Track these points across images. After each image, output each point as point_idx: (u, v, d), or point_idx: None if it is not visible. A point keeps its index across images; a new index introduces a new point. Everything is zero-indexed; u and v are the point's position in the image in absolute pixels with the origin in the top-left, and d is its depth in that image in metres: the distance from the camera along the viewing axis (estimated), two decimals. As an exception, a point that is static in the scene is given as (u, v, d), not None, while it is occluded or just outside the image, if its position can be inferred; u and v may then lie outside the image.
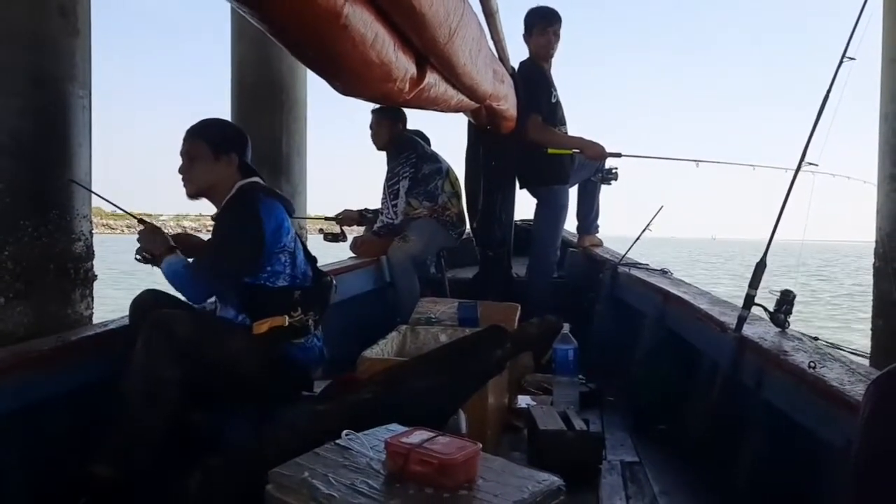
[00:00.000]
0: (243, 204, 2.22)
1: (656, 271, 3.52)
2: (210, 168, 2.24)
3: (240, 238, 2.19)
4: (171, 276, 2.18)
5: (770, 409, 1.86)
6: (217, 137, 2.26)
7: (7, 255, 2.51)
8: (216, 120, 2.41)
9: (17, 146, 2.53)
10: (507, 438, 2.40)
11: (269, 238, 2.19)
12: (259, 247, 2.18)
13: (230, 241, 2.22)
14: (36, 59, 2.57)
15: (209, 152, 2.22)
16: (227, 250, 2.22)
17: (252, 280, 2.21)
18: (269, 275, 2.22)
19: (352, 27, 1.38)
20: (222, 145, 2.24)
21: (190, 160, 2.24)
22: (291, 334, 2.22)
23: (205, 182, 2.26)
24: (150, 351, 1.96)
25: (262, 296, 2.21)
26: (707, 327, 2.38)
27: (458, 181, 4.17)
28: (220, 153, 2.23)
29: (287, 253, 2.25)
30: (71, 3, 2.64)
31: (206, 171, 2.24)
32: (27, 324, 2.55)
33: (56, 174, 2.63)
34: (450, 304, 3.18)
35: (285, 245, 2.23)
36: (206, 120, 2.34)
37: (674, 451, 2.30)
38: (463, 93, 2.59)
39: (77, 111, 2.67)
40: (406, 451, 1.31)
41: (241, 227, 2.20)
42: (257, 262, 2.20)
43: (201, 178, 2.26)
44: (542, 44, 4.11)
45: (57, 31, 2.60)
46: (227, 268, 2.21)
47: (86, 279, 2.77)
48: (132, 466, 1.89)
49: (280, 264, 2.23)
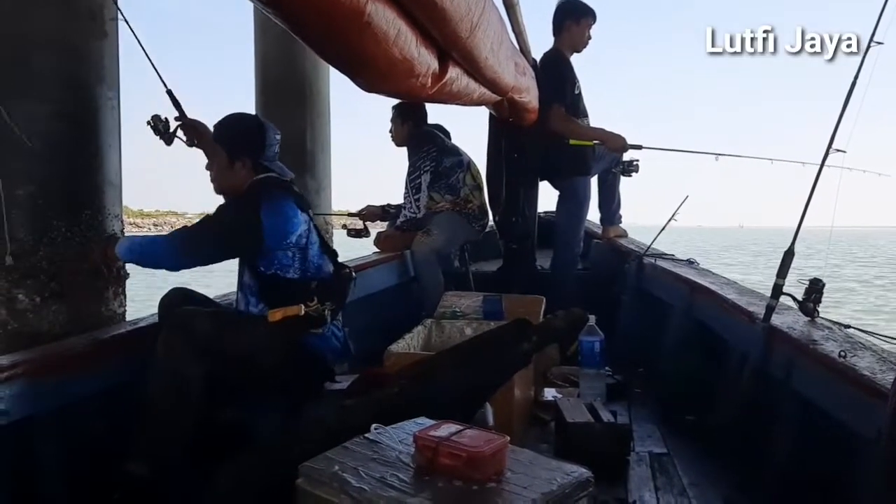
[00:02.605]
0: (245, 199, 2.25)
1: (682, 262, 3.49)
2: (226, 173, 2.28)
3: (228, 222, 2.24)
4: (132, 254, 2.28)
5: (800, 400, 1.84)
6: (231, 143, 2.29)
7: (41, 256, 2.56)
8: (233, 120, 2.40)
9: (49, 148, 2.57)
10: (534, 431, 2.41)
11: (268, 234, 2.19)
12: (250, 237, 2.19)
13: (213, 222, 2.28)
14: (66, 63, 2.61)
15: (225, 157, 2.27)
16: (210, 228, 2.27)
17: (264, 269, 2.24)
18: (279, 267, 2.25)
19: (375, 25, 1.39)
20: (235, 151, 2.27)
21: (211, 161, 2.31)
22: (308, 324, 2.23)
23: (224, 184, 2.31)
24: (170, 350, 2.01)
25: (277, 285, 2.24)
26: (735, 318, 2.37)
27: (479, 174, 4.16)
28: (234, 159, 2.27)
29: (296, 249, 2.26)
30: (99, 6, 2.68)
31: (223, 174, 2.29)
32: (62, 322, 2.60)
33: (87, 175, 2.68)
34: (474, 297, 3.18)
35: (290, 242, 2.24)
36: (225, 120, 2.35)
37: (702, 443, 2.28)
38: (485, 86, 2.59)
39: (106, 112, 2.71)
40: (434, 444, 1.32)
41: (231, 212, 2.25)
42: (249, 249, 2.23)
43: (220, 180, 2.31)
44: (579, 37, 4.10)
45: (86, 35, 2.65)
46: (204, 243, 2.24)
47: (118, 277, 2.81)
48: (162, 464, 1.93)
49: (287, 258, 2.25)
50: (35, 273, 2.56)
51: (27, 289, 2.57)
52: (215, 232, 2.26)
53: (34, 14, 2.56)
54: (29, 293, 2.57)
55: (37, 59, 2.55)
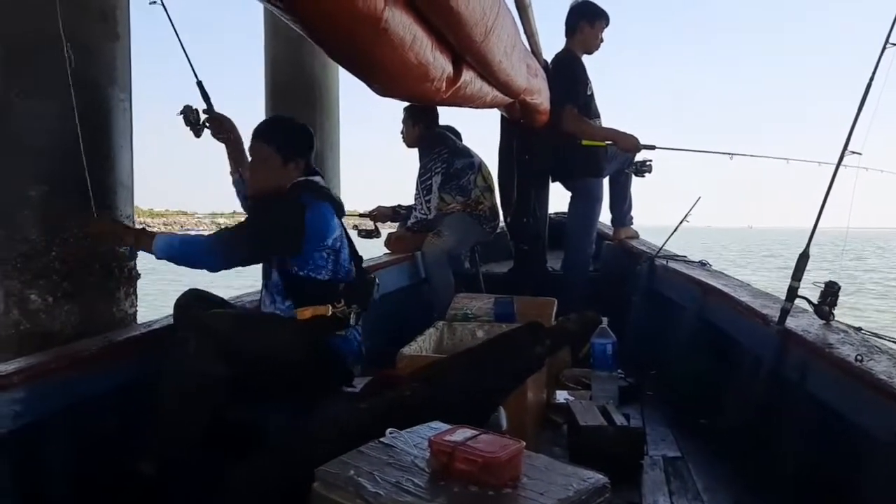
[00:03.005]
0: (289, 200, 2.26)
1: (694, 263, 3.48)
2: (278, 173, 2.27)
3: (271, 225, 2.25)
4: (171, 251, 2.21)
5: (815, 403, 1.83)
6: (286, 143, 2.29)
7: (54, 256, 2.58)
8: (285, 122, 2.43)
9: (62, 149, 2.59)
10: (547, 434, 2.40)
11: (309, 236, 2.22)
12: (292, 239, 2.21)
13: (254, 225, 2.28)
14: (78, 63, 2.62)
15: (278, 158, 2.26)
16: (254, 229, 2.27)
17: (297, 269, 2.25)
18: (312, 268, 2.26)
19: (391, 31, 1.39)
20: (291, 152, 2.28)
21: (257, 164, 2.29)
22: (334, 325, 2.25)
23: (270, 183, 2.29)
24: (190, 351, 2.01)
25: (307, 285, 2.25)
26: (749, 320, 2.35)
27: (490, 175, 4.16)
28: (288, 159, 2.27)
29: (330, 251, 2.28)
30: (111, 7, 2.69)
31: (273, 175, 2.27)
32: (74, 323, 2.62)
33: (99, 176, 2.69)
34: (486, 299, 3.18)
35: (327, 245, 2.26)
36: (275, 122, 2.40)
37: (716, 446, 2.27)
38: (498, 89, 2.59)
39: (118, 114, 2.73)
40: (450, 449, 1.32)
41: (276, 215, 2.25)
42: (289, 251, 2.23)
43: (267, 181, 2.29)
44: (592, 38, 4.10)
45: (98, 36, 2.66)
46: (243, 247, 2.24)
47: (129, 278, 2.83)
48: (176, 463, 1.94)
49: (322, 259, 2.27)
50: (47, 273, 2.58)
51: (39, 289, 2.58)
52: (260, 233, 2.26)
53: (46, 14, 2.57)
54: (41, 293, 2.59)
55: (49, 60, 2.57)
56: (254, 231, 2.27)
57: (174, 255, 2.22)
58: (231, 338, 2.06)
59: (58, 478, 1.77)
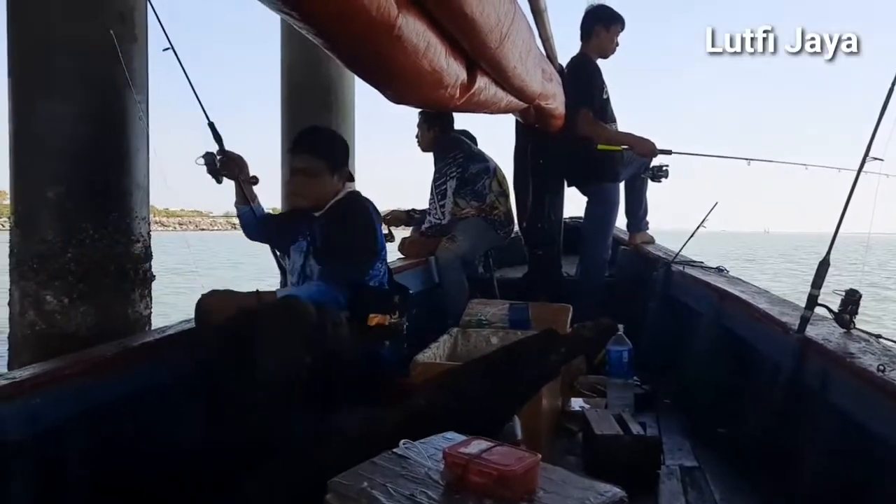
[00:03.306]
0: (359, 212, 2.34)
1: (712, 269, 3.44)
2: (328, 184, 2.33)
3: (362, 245, 2.32)
4: (313, 296, 2.19)
5: (836, 413, 1.80)
6: (334, 154, 2.34)
7: (70, 258, 2.60)
8: (329, 133, 2.49)
9: (79, 151, 2.61)
10: (562, 442, 2.38)
11: (380, 245, 2.35)
12: (375, 252, 2.34)
13: (352, 248, 2.32)
14: (97, 66, 2.64)
15: (327, 169, 2.31)
16: (354, 251, 2.32)
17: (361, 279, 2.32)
18: (371, 276, 2.34)
19: (405, 37, 1.38)
20: (338, 161, 2.34)
21: (307, 177, 2.32)
22: (389, 335, 2.30)
23: (321, 195, 2.34)
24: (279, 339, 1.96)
25: (366, 295, 2.30)
26: (767, 328, 2.32)
27: (505, 180, 4.14)
28: (335, 169, 2.32)
29: (383, 260, 2.38)
30: (129, 10, 2.71)
31: (323, 187, 2.33)
32: (89, 324, 2.63)
33: (115, 177, 2.71)
34: (500, 305, 3.16)
35: (384, 253, 2.38)
36: (321, 133, 2.44)
37: (734, 456, 2.24)
38: (512, 94, 2.57)
39: (134, 116, 2.74)
40: (465, 461, 1.30)
41: (363, 236, 2.32)
42: (372, 265, 2.34)
43: (319, 193, 2.34)
44: (607, 42, 4.08)
45: (117, 38, 2.67)
46: (355, 274, 2.32)
47: (144, 280, 2.84)
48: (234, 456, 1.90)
49: (377, 269, 2.35)
50: (63, 274, 2.60)
51: (55, 290, 2.61)
52: (363, 253, 2.34)
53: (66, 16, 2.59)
54: (57, 294, 2.61)
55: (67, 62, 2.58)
56: (356, 256, 2.33)
57: (315, 298, 2.21)
58: (314, 326, 2.05)
59: (73, 484, 1.77)
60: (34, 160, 2.63)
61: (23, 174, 2.66)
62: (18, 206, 2.65)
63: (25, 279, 2.62)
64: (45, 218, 2.61)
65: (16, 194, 2.66)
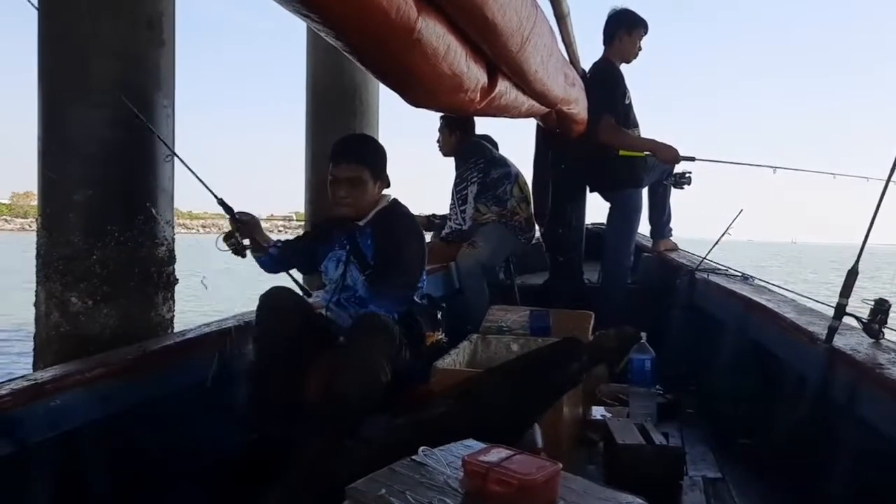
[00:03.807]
0: (412, 226, 2.38)
1: (737, 277, 3.39)
2: (372, 191, 2.33)
3: (417, 260, 2.36)
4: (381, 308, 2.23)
5: (864, 426, 1.76)
6: (376, 161, 2.35)
7: (95, 260, 2.62)
8: (371, 140, 2.49)
9: (106, 154, 2.63)
10: (582, 451, 2.35)
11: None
12: (425, 264, 2.40)
13: (410, 262, 2.35)
14: (124, 70, 2.66)
15: (370, 177, 2.31)
16: (413, 267, 2.36)
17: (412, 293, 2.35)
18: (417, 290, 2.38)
19: (424, 41, 1.38)
20: (380, 169, 2.35)
21: (353, 186, 2.30)
22: (438, 352, 2.33)
23: (365, 206, 2.35)
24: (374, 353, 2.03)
25: (415, 310, 2.31)
26: (794, 338, 2.27)
27: (527, 185, 4.12)
28: (377, 176, 2.33)
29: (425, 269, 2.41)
30: (157, 15, 2.74)
31: (368, 195, 2.33)
32: (113, 326, 2.65)
33: (141, 181, 2.73)
34: (521, 312, 3.13)
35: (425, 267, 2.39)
36: (365, 142, 2.45)
37: (759, 468, 2.20)
38: (534, 99, 2.55)
39: (162, 120, 2.77)
40: (484, 470, 1.28)
41: (418, 250, 2.37)
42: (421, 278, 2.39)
43: (365, 201, 2.34)
44: (630, 47, 4.06)
45: (144, 43, 2.70)
46: (411, 290, 2.36)
47: (168, 283, 2.86)
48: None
49: (422, 281, 2.39)
50: (88, 276, 2.62)
51: (80, 292, 2.63)
52: (419, 269, 2.39)
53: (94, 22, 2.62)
54: (81, 296, 2.63)
55: (96, 66, 2.61)
56: (414, 272, 2.38)
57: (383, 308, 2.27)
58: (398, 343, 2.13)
59: (92, 487, 1.78)
60: (63, 163, 2.66)
61: (53, 178, 2.69)
62: (46, 208, 2.67)
63: (51, 281, 2.64)
64: (71, 220, 2.64)
65: (44, 196, 2.69)
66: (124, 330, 2.64)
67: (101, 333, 2.62)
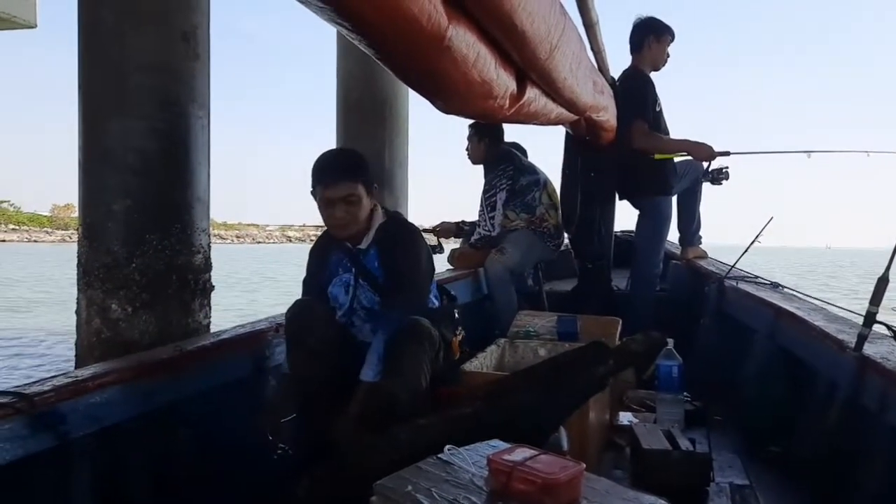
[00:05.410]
0: (415, 236, 2.38)
1: (766, 285, 3.36)
2: (367, 206, 2.28)
3: (428, 269, 2.38)
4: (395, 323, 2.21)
5: (894, 435, 1.74)
6: (367, 173, 2.29)
7: (134, 268, 2.70)
8: (353, 154, 2.41)
9: (144, 165, 2.72)
10: (609, 456, 2.35)
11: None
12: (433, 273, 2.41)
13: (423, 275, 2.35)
14: (161, 83, 2.75)
15: (364, 192, 2.26)
16: (425, 281, 2.37)
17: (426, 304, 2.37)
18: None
19: (455, 48, 1.41)
20: (370, 179, 2.30)
21: (350, 204, 2.23)
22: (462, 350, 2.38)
23: (362, 222, 2.29)
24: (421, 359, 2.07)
25: (434, 316, 2.30)
26: (823, 345, 2.26)
27: (555, 192, 4.14)
28: (369, 189, 2.28)
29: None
30: (192, 28, 2.82)
31: (364, 210, 2.27)
32: (151, 332, 2.73)
33: (178, 191, 2.81)
34: (548, 317, 3.15)
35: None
36: (354, 157, 2.35)
37: (787, 476, 2.18)
38: (563, 106, 2.57)
39: (197, 131, 2.85)
40: (509, 468, 1.31)
41: (428, 259, 2.37)
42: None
43: (362, 218, 2.28)
44: (659, 54, 4.06)
45: (180, 57, 2.79)
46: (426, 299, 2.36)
47: (204, 290, 2.93)
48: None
49: (433, 287, 2.42)
50: (128, 284, 2.70)
51: (120, 299, 2.71)
52: (429, 278, 2.40)
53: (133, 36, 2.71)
54: (121, 303, 2.72)
55: (133, 80, 2.70)
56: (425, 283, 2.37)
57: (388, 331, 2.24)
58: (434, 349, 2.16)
59: (132, 482, 1.84)
60: (103, 174, 2.75)
61: (92, 188, 2.78)
62: (87, 218, 2.77)
63: (92, 288, 2.74)
64: (111, 230, 2.72)
65: (84, 207, 2.79)
66: (162, 335, 2.71)
67: (141, 339, 2.70)
